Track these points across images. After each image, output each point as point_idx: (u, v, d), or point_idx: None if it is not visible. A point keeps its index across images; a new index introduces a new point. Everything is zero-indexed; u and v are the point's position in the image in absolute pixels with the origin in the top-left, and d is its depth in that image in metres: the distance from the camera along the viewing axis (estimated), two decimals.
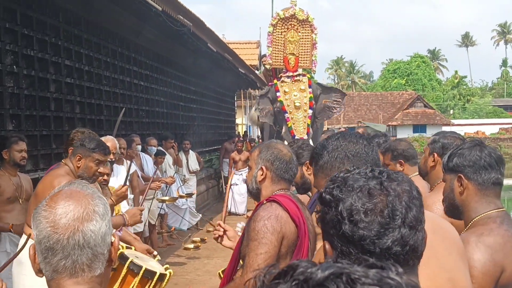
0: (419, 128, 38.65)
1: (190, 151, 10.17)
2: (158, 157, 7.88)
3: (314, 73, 9.54)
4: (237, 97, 19.54)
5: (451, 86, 57.13)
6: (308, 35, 8.98)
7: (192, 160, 10.16)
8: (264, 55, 9.72)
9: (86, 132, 3.79)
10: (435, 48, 69.80)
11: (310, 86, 8.73)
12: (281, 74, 8.94)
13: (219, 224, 2.64)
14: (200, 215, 9.80)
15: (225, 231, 2.61)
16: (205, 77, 12.61)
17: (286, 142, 7.03)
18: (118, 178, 5.45)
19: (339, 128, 25.87)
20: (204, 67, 11.99)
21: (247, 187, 2.53)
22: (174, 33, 8.04)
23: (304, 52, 8.96)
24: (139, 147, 7.19)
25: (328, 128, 25.74)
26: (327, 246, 1.11)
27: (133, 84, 8.24)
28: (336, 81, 69.37)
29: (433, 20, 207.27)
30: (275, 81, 8.87)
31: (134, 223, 3.62)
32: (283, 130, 8.70)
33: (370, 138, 1.81)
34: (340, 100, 9.22)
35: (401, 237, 1.04)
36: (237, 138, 13.93)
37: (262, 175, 2.40)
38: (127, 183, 4.04)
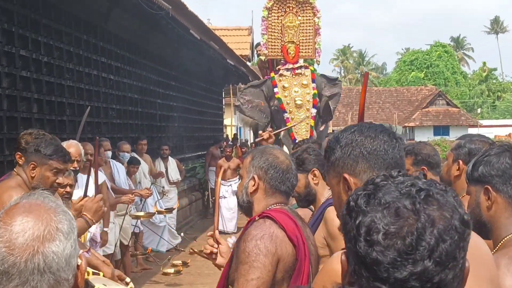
0: (441, 130, 38.80)
1: (170, 158, 10.17)
2: (131, 166, 7.87)
3: (318, 64, 9.52)
4: (226, 94, 19.56)
5: (478, 80, 57.47)
6: (309, 20, 8.98)
7: (172, 168, 10.16)
8: (258, 44, 9.69)
9: (35, 133, 3.68)
10: (460, 35, 70.13)
11: (313, 81, 8.72)
12: (279, 67, 8.91)
13: (211, 235, 2.65)
14: (182, 234, 9.79)
15: (218, 244, 2.62)
16: (187, 70, 12.61)
17: (285, 148, 6.97)
18: (83, 190, 5.44)
19: None
20: (186, 58, 11.99)
21: (237, 199, 2.55)
22: (150, 17, 8.04)
23: (306, 39, 8.96)
24: (109, 153, 7.19)
25: (333, 131, 25.75)
26: (343, 257, 1.13)
27: (101, 78, 8.24)
28: (343, 74, 69.63)
29: (457, 3, 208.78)
30: (272, 74, 8.84)
31: (99, 218, 3.61)
32: (282, 133, 8.68)
33: (393, 133, 1.79)
34: (339, 91, 9.22)
35: (422, 272, 1.02)
36: (225, 143, 13.94)
37: (254, 185, 2.42)
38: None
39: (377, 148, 1.69)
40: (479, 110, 51.51)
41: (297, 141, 7.73)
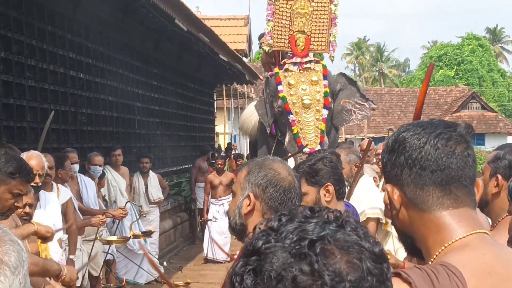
0: (475, 138, 38.80)
1: (151, 173, 10.14)
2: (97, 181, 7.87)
3: (332, 61, 9.38)
4: (218, 96, 19.57)
5: None
6: (324, 7, 8.89)
7: (154, 185, 10.13)
8: (263, 35, 9.61)
9: None
10: (497, 26, 70.22)
11: (325, 77, 8.65)
12: (284, 60, 8.86)
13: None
14: (165, 263, 9.75)
15: None
16: (171, 68, 12.60)
17: (291, 159, 6.90)
18: (46, 210, 5.41)
19: (362, 139, 25.97)
20: (171, 54, 11.98)
21: (229, 220, 2.54)
22: (128, 4, 8.05)
23: (319, 30, 8.85)
24: (76, 166, 7.16)
25: (346, 139, 25.82)
26: None
27: (68, 76, 8.23)
28: (358, 72, 69.73)
29: None
30: (275, 69, 8.78)
31: (69, 281, 3.60)
32: (287, 138, 8.58)
33: (458, 137, 1.65)
34: (365, 104, 9.19)
35: None
36: (216, 154, 13.93)
37: (249, 205, 2.41)
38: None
39: (425, 156, 1.58)
40: None
41: (304, 149, 7.71)
